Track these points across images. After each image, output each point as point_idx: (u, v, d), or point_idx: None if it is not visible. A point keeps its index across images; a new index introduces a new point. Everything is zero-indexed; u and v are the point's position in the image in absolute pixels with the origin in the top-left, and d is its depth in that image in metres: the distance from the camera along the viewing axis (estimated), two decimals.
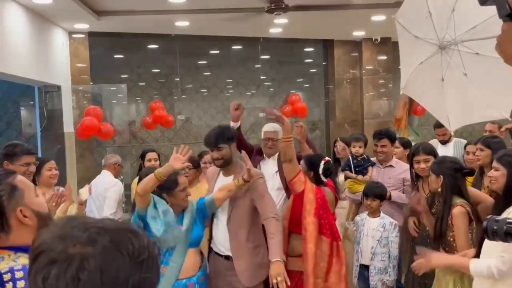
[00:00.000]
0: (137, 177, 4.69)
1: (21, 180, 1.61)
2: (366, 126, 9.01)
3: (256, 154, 4.29)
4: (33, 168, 3.37)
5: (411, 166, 3.94)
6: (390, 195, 4.16)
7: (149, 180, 2.99)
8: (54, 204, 3.05)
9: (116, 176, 5.06)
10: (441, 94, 3.45)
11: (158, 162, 4.86)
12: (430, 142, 5.82)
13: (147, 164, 4.79)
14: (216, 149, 3.35)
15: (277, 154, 4.15)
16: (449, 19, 3.11)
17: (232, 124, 4.29)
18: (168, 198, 3.19)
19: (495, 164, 2.82)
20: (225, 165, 3.42)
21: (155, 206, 3.08)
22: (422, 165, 3.77)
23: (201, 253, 3.40)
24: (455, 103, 3.42)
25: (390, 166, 4.39)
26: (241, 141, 4.20)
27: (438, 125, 5.74)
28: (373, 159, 4.59)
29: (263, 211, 3.27)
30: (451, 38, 3.18)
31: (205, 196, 3.44)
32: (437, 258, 2.84)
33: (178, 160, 3.05)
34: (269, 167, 4.16)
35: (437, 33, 3.26)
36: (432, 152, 3.86)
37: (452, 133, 5.57)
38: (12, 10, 5.57)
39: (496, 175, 2.78)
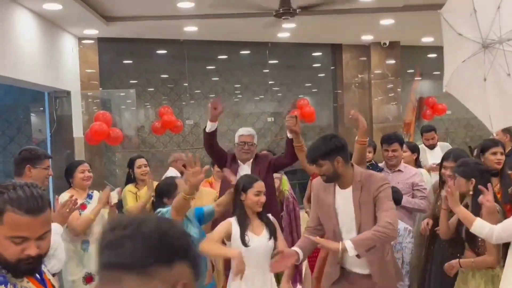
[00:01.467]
0: (129, 185, 4.69)
1: (10, 215, 1.57)
2: (375, 130, 8.98)
3: (232, 161, 4.13)
4: (51, 172, 3.40)
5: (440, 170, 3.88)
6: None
7: (180, 203, 2.94)
8: (67, 210, 3.07)
9: (181, 172, 5.27)
10: (483, 94, 3.39)
11: (147, 168, 4.79)
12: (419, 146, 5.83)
13: (137, 171, 4.65)
14: (316, 165, 2.97)
15: (252, 159, 4.09)
16: (494, 17, 3.07)
17: (209, 124, 4.07)
18: (168, 202, 3.15)
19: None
20: (332, 180, 2.98)
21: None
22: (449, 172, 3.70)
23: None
24: (497, 103, 3.36)
25: (399, 170, 4.36)
26: (212, 146, 4.09)
27: (426, 129, 5.85)
28: (381, 164, 4.56)
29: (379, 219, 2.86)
30: (496, 37, 3.13)
31: (203, 206, 3.37)
32: (452, 204, 2.98)
33: (196, 173, 2.95)
34: (245, 173, 3.97)
35: (481, 31, 3.21)
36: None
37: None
38: (22, 17, 5.63)
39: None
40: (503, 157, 3.68)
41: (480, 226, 2.83)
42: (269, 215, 3.22)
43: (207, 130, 4.06)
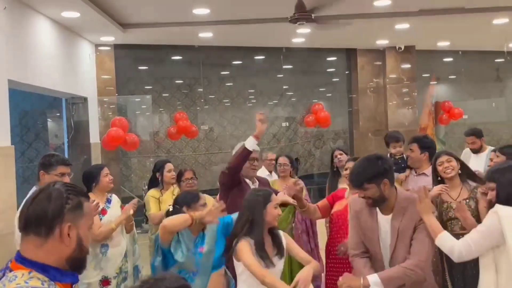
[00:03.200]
0: (152, 190, 4.69)
1: (89, 206, 1.66)
2: None
3: (244, 181, 3.76)
4: (67, 179, 3.42)
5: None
6: None
7: (184, 221, 2.90)
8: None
9: (269, 170, 5.43)
10: None
11: (174, 173, 4.79)
12: (463, 151, 5.69)
13: (167, 175, 4.61)
14: (361, 189, 2.75)
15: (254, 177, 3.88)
16: None
17: (252, 141, 3.55)
18: (187, 213, 3.08)
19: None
20: (378, 205, 2.78)
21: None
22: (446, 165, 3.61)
23: (226, 274, 3.16)
24: None
25: (424, 174, 4.25)
26: (242, 166, 3.62)
27: (467, 133, 5.58)
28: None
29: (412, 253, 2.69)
30: None
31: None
32: (422, 211, 2.75)
33: (214, 214, 2.94)
34: None
35: None
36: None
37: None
38: (41, 24, 5.72)
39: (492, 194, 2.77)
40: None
41: (444, 239, 2.69)
42: (280, 231, 3.01)
43: (250, 148, 3.52)
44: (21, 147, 8.00)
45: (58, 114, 7.70)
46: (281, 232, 3.00)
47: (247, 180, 3.78)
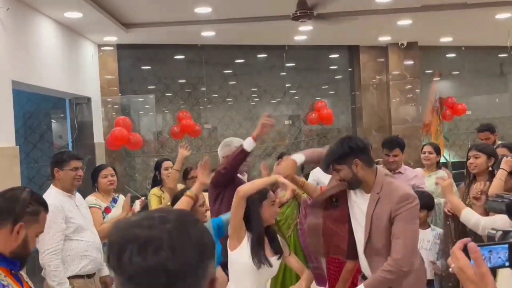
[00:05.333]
0: (154, 188, 4.73)
1: (44, 217, 2.04)
2: (394, 132, 8.91)
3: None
4: (81, 173, 3.52)
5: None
6: None
7: (183, 202, 2.92)
8: None
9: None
10: None
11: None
12: None
13: (164, 172, 4.73)
14: (334, 171, 2.73)
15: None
16: None
17: (250, 142, 3.45)
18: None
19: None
20: (355, 186, 2.72)
21: None
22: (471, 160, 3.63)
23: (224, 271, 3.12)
24: None
25: (399, 172, 4.31)
26: (240, 166, 3.55)
27: (480, 129, 5.51)
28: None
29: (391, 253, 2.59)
30: None
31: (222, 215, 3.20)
32: (445, 190, 3.06)
33: (206, 175, 2.99)
34: None
35: None
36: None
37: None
38: (44, 25, 5.74)
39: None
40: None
41: (467, 215, 2.89)
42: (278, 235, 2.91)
43: (248, 148, 3.45)
44: (26, 148, 8.03)
45: (62, 114, 7.72)
46: (278, 237, 2.92)
47: (239, 175, 3.75)
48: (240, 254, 2.73)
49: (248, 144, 3.45)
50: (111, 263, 1.01)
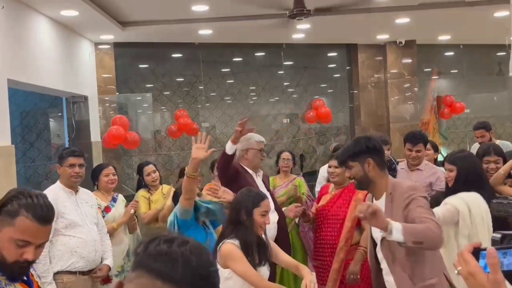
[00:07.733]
0: (141, 190, 4.72)
1: (24, 222, 1.68)
2: (392, 130, 8.91)
3: (245, 173, 3.70)
4: (77, 170, 3.48)
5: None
6: None
7: (185, 182, 2.95)
8: None
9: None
10: None
11: (157, 173, 4.81)
12: (472, 146, 5.68)
13: (147, 178, 4.71)
14: (346, 168, 2.75)
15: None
16: None
17: (230, 145, 3.52)
18: None
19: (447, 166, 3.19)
20: (364, 187, 2.76)
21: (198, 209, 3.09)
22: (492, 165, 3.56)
23: None
24: None
25: (418, 169, 4.27)
26: (228, 168, 3.58)
27: (476, 127, 5.55)
28: (402, 162, 4.51)
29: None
30: None
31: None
32: None
33: (200, 149, 2.95)
34: (261, 185, 3.69)
35: None
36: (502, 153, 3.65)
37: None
38: (40, 23, 5.71)
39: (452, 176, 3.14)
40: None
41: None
42: (263, 236, 2.85)
43: (228, 152, 3.53)
44: (23, 147, 8.01)
45: (60, 113, 7.70)
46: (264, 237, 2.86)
47: (250, 171, 3.72)
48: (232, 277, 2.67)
49: (229, 147, 3.53)
50: (136, 252, 1.05)
